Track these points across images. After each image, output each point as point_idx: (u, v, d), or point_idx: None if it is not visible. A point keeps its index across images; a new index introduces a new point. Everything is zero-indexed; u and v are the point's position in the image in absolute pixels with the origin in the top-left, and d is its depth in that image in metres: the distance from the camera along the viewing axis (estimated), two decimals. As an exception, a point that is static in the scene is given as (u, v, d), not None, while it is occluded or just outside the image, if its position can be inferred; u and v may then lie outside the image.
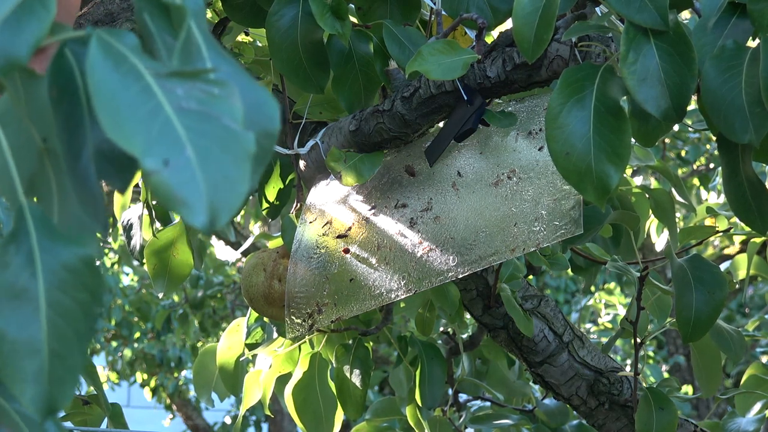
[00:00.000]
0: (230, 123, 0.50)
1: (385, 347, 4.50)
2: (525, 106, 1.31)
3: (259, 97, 0.54)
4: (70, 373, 0.52)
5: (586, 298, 5.46)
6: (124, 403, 2.38)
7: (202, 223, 0.48)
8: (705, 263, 1.36)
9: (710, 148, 4.89)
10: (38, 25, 0.54)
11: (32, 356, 0.51)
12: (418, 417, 1.68)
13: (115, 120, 0.49)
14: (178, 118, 0.50)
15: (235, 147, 0.50)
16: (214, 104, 0.51)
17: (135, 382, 6.77)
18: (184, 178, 0.49)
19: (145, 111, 0.50)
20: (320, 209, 1.41)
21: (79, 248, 0.54)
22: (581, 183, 1.00)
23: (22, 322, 0.52)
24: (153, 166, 0.48)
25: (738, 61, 0.99)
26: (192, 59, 0.55)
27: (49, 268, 0.53)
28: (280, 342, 1.59)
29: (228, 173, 0.49)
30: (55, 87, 0.56)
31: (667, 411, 1.49)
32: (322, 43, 1.33)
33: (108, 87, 0.50)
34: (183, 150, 0.49)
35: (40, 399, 0.51)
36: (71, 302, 0.53)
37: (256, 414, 6.43)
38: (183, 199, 0.48)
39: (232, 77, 0.53)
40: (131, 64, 0.51)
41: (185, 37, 0.55)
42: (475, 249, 1.27)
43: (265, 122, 0.54)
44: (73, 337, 0.52)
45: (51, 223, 0.54)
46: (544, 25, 1.07)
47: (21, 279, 0.52)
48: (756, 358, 4.45)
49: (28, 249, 0.53)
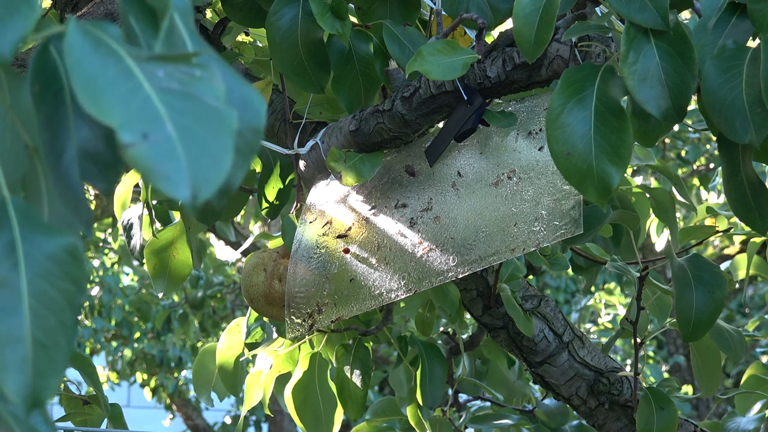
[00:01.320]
0: (211, 101, 0.50)
1: (385, 347, 4.50)
2: (525, 106, 1.31)
3: (246, 93, 0.54)
4: (55, 363, 0.52)
5: (586, 298, 5.46)
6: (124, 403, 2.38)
7: (184, 196, 0.48)
8: (705, 263, 1.36)
9: (710, 148, 4.89)
10: (23, 23, 0.53)
11: (15, 346, 0.51)
12: (418, 417, 1.68)
13: (94, 94, 0.49)
14: (159, 96, 0.50)
15: (216, 123, 0.50)
16: (195, 84, 0.51)
17: (135, 382, 6.77)
18: (165, 152, 0.48)
19: (124, 89, 0.50)
20: (320, 209, 1.41)
21: (62, 238, 0.53)
22: (582, 183, 1.00)
23: (4, 312, 0.51)
24: (130, 139, 0.48)
25: (738, 61, 0.99)
26: (175, 47, 0.55)
27: (32, 258, 0.52)
28: (280, 342, 1.59)
29: (210, 149, 0.49)
30: (37, 83, 0.56)
31: (668, 411, 1.49)
32: (322, 43, 1.33)
33: (87, 65, 0.50)
34: (163, 126, 0.49)
35: (25, 389, 0.51)
36: (55, 292, 0.52)
37: (256, 414, 6.43)
38: (164, 173, 0.48)
39: (215, 66, 0.53)
40: (111, 48, 0.51)
41: (168, 27, 0.55)
42: (475, 249, 1.27)
43: (252, 117, 0.54)
44: (57, 327, 0.52)
45: (34, 214, 0.54)
46: (545, 25, 1.07)
47: (2, 268, 0.52)
48: (756, 358, 4.45)
49: (10, 239, 0.52)
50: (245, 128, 0.53)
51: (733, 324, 1.90)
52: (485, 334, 2.00)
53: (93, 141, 0.56)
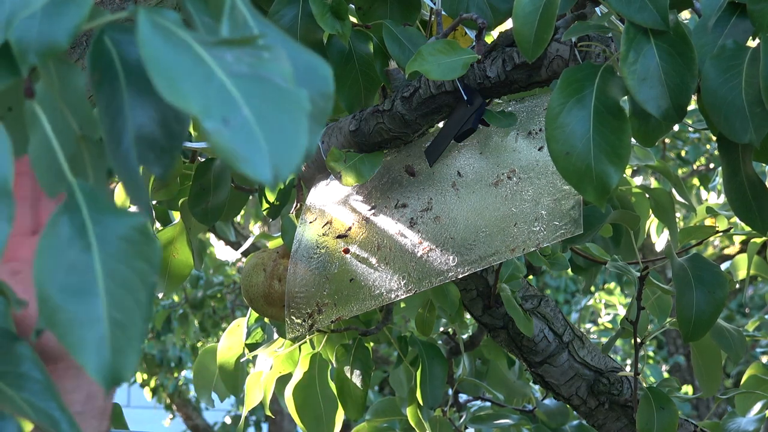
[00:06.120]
0: (281, 82, 0.51)
1: (385, 347, 4.50)
2: (525, 106, 1.31)
3: (311, 60, 0.55)
4: (132, 342, 0.52)
5: (586, 298, 5.46)
6: (124, 403, 2.38)
7: (266, 178, 0.49)
8: (705, 262, 1.36)
9: (710, 148, 4.89)
10: (77, 11, 0.54)
11: (93, 326, 0.51)
12: (418, 417, 1.68)
13: (173, 85, 0.50)
14: (231, 81, 0.50)
15: (289, 104, 0.51)
16: (264, 67, 0.51)
17: (135, 382, 6.76)
18: (245, 135, 0.49)
19: (199, 76, 0.50)
20: (320, 209, 1.41)
21: (132, 218, 0.54)
22: (581, 183, 1.00)
23: (79, 293, 0.52)
24: (214, 126, 0.49)
25: (738, 61, 0.99)
26: (239, 28, 0.56)
27: (104, 239, 0.53)
28: (281, 342, 1.59)
29: (285, 129, 0.50)
30: (96, 72, 0.56)
31: (668, 410, 1.49)
32: (322, 43, 1.33)
33: (162, 56, 0.51)
34: (240, 109, 0.50)
35: (105, 368, 0.51)
36: (129, 271, 0.53)
37: (256, 414, 6.43)
38: (246, 156, 0.49)
39: (279, 42, 0.54)
40: (179, 36, 0.52)
41: (230, 7, 0.56)
42: (475, 249, 1.27)
43: (320, 83, 0.54)
44: (133, 306, 0.53)
45: (101, 197, 0.54)
46: (544, 25, 1.07)
47: (74, 251, 0.52)
48: (756, 358, 4.45)
49: (80, 222, 0.53)
50: (315, 95, 0.54)
51: (733, 324, 1.90)
52: (485, 334, 2.00)
53: (149, 126, 0.57)
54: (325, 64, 0.55)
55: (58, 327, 0.51)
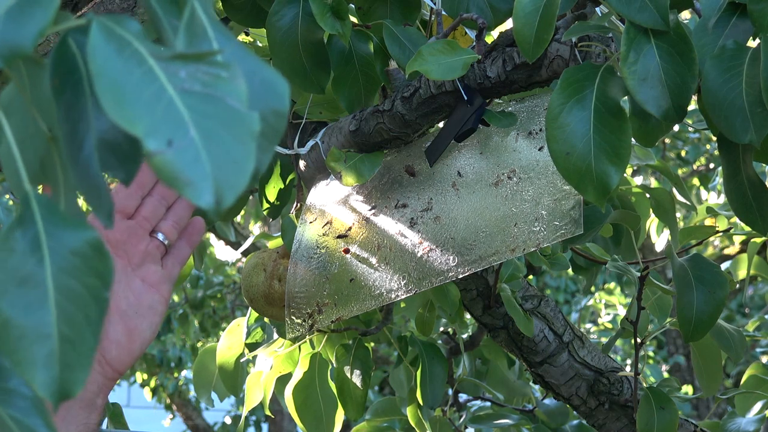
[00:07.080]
0: (234, 103, 0.50)
1: (385, 347, 4.50)
2: (525, 106, 1.31)
3: (268, 76, 0.54)
4: (81, 358, 0.52)
5: (586, 298, 5.47)
6: (124, 403, 2.38)
7: (208, 203, 0.48)
8: (706, 262, 1.36)
9: (710, 148, 4.89)
10: (42, 14, 0.53)
11: (42, 341, 0.51)
12: (418, 417, 1.68)
13: (119, 103, 0.49)
14: (182, 99, 0.49)
15: (239, 127, 0.49)
16: (218, 86, 0.50)
17: (135, 382, 6.77)
18: (189, 158, 0.48)
19: (148, 94, 0.49)
20: (320, 209, 1.41)
21: (85, 232, 0.53)
22: (581, 183, 1.00)
23: (30, 308, 0.51)
24: (156, 147, 0.48)
25: (738, 61, 0.99)
26: (197, 40, 0.55)
27: (57, 253, 0.52)
28: (281, 342, 1.59)
29: (232, 153, 0.49)
30: (56, 76, 0.56)
31: (668, 410, 1.49)
32: (323, 43, 1.33)
33: (110, 71, 0.50)
34: (187, 130, 0.48)
35: (52, 384, 0.51)
36: (80, 287, 0.52)
37: (256, 414, 6.43)
38: (188, 180, 0.48)
39: (238, 58, 0.53)
40: (133, 48, 0.51)
41: (189, 17, 0.54)
42: (475, 249, 1.27)
43: (275, 101, 0.53)
44: (83, 322, 0.52)
45: (57, 209, 0.54)
46: (545, 25, 1.07)
47: (27, 264, 0.52)
48: (756, 358, 4.45)
49: (34, 234, 0.52)
50: (269, 112, 0.53)
51: (733, 324, 1.90)
52: (485, 334, 2.00)
53: (112, 131, 0.56)
54: (284, 82, 0.54)
55: (7, 343, 0.51)
